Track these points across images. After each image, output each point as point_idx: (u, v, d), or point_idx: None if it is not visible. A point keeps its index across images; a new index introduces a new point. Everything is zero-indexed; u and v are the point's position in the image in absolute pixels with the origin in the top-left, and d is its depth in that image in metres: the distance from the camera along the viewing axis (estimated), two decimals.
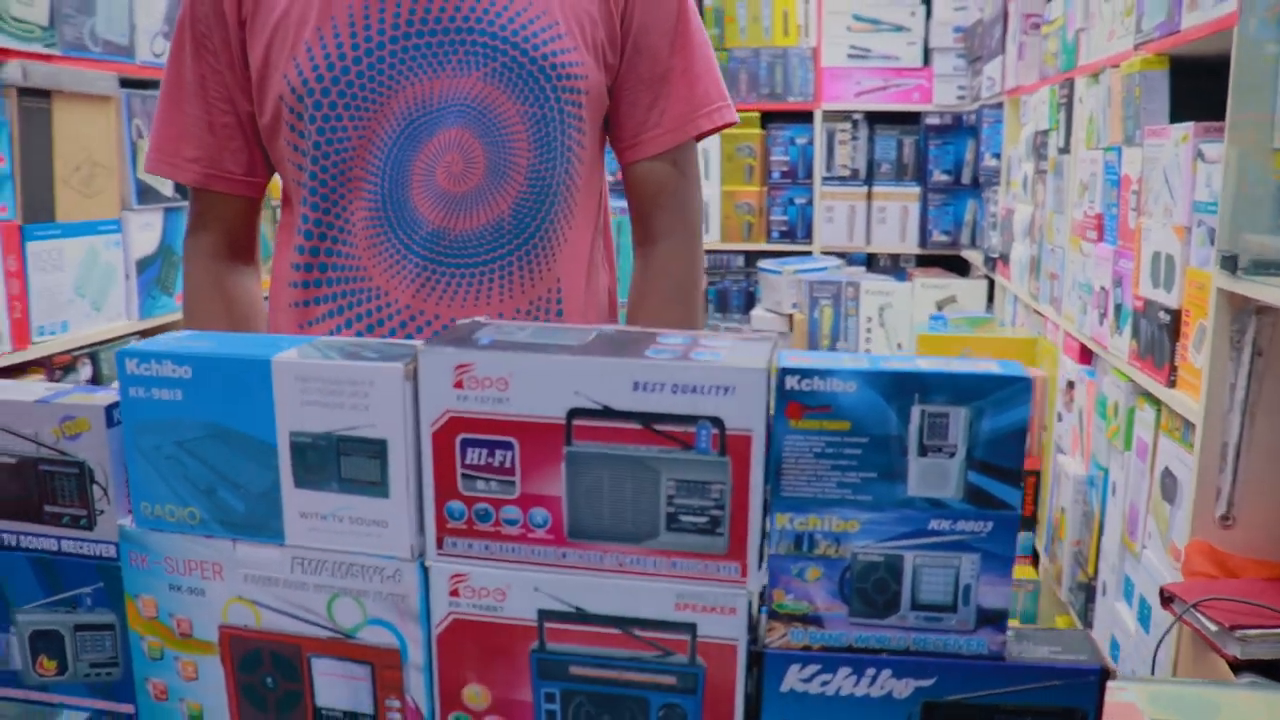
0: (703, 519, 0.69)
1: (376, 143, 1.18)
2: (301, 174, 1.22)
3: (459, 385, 0.70)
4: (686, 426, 0.67)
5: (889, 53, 4.43)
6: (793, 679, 0.71)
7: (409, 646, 0.75)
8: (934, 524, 0.68)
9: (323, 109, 1.17)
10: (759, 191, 4.66)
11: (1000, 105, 3.69)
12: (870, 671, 0.70)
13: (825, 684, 0.71)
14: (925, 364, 0.68)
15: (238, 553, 0.77)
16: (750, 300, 4.79)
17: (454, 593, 0.73)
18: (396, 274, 1.20)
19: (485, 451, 0.70)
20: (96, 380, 2.47)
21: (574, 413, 0.68)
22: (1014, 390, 0.66)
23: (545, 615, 0.72)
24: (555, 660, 0.73)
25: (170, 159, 1.28)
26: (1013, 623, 2.34)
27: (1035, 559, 2.81)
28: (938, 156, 4.40)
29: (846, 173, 4.56)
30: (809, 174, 4.60)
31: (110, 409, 0.80)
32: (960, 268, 4.44)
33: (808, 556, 0.69)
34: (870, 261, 4.66)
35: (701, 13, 4.62)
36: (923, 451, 0.67)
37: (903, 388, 0.66)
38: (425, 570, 0.74)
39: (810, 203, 4.60)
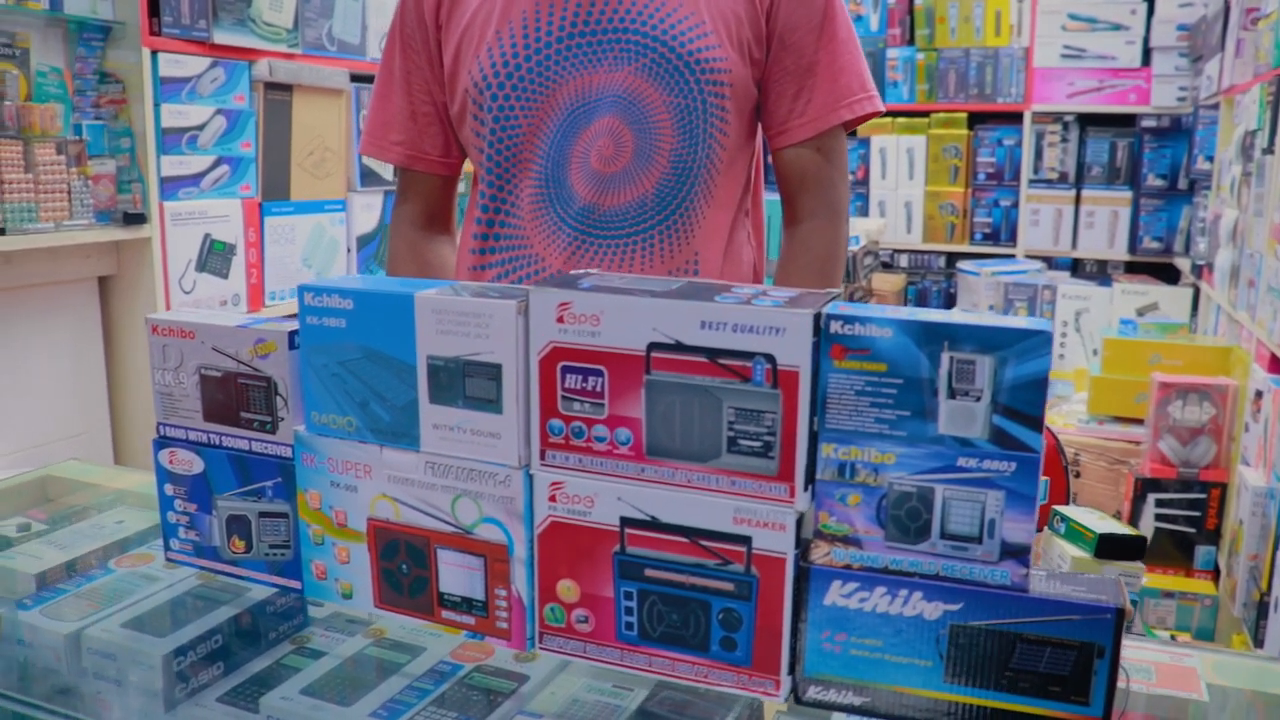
0: (757, 444, 0.79)
1: (543, 130, 1.34)
2: (481, 156, 1.40)
3: (560, 320, 0.83)
4: (745, 361, 0.78)
5: (1105, 52, 4.31)
6: (835, 594, 0.80)
7: (515, 543, 0.89)
8: (962, 461, 0.76)
9: (499, 100, 1.34)
10: (963, 193, 4.63)
11: (1217, 106, 3.56)
12: (903, 593, 0.79)
13: (863, 600, 0.80)
14: (957, 316, 0.76)
15: (383, 456, 0.93)
16: (950, 301, 4.75)
17: (552, 498, 0.86)
18: (553, 243, 1.35)
19: (580, 377, 0.83)
20: None
21: (652, 346, 0.80)
22: (1036, 341, 0.73)
23: (626, 522, 0.84)
24: (633, 562, 0.85)
25: (379, 143, 1.49)
26: (1184, 635, 2.35)
27: (1217, 574, 2.73)
28: (1153, 160, 4.26)
29: (1054, 175, 4.46)
30: (1015, 176, 4.53)
31: (292, 334, 0.98)
32: (1171, 277, 4.28)
33: (849, 483, 0.79)
34: (1075, 267, 4.55)
35: (911, 13, 4.64)
36: (952, 394, 0.75)
37: (933, 335, 0.75)
38: (530, 477, 0.87)
39: (1015, 205, 4.53)
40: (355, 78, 2.77)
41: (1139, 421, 2.92)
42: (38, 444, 2.18)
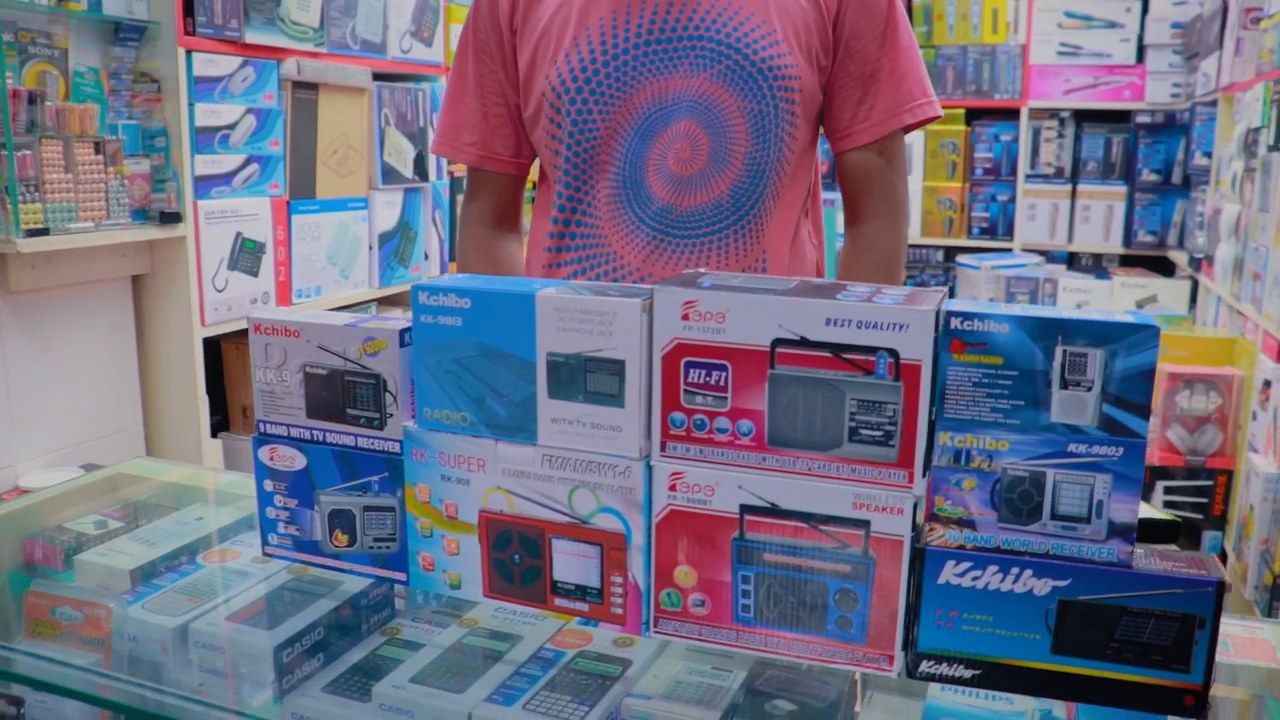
0: (878, 433, 0.84)
1: (621, 133, 1.38)
2: (557, 158, 1.44)
3: (685, 318, 0.87)
4: (868, 356, 0.82)
5: (1101, 50, 4.38)
6: (949, 573, 0.85)
7: (633, 532, 0.93)
8: (1072, 447, 0.81)
9: (577, 104, 1.38)
10: (961, 188, 4.70)
11: (1214, 103, 3.63)
12: (1014, 570, 0.83)
13: (976, 579, 0.84)
14: (1068, 312, 0.81)
15: (499, 450, 0.96)
16: (949, 295, 4.81)
17: (672, 488, 0.90)
18: (631, 241, 1.40)
19: (704, 372, 0.87)
20: None
21: (777, 342, 0.84)
22: (1144, 335, 0.78)
23: (746, 509, 0.88)
24: (752, 548, 0.89)
25: (452, 143, 1.53)
26: None
27: (1225, 559, 2.79)
28: (1147, 155, 4.34)
29: (1051, 170, 4.54)
30: (1012, 171, 4.60)
31: (403, 332, 1.01)
32: (1165, 269, 4.36)
33: (965, 469, 0.83)
34: (1071, 260, 4.62)
35: (910, 10, 4.70)
36: (1064, 385, 0.80)
37: (1048, 330, 0.79)
38: (650, 468, 0.91)
39: (1012, 200, 4.60)
40: (377, 76, 2.80)
41: None
42: (77, 442, 2.20)
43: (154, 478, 1.53)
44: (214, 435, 2.41)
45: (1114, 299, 3.86)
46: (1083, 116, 4.52)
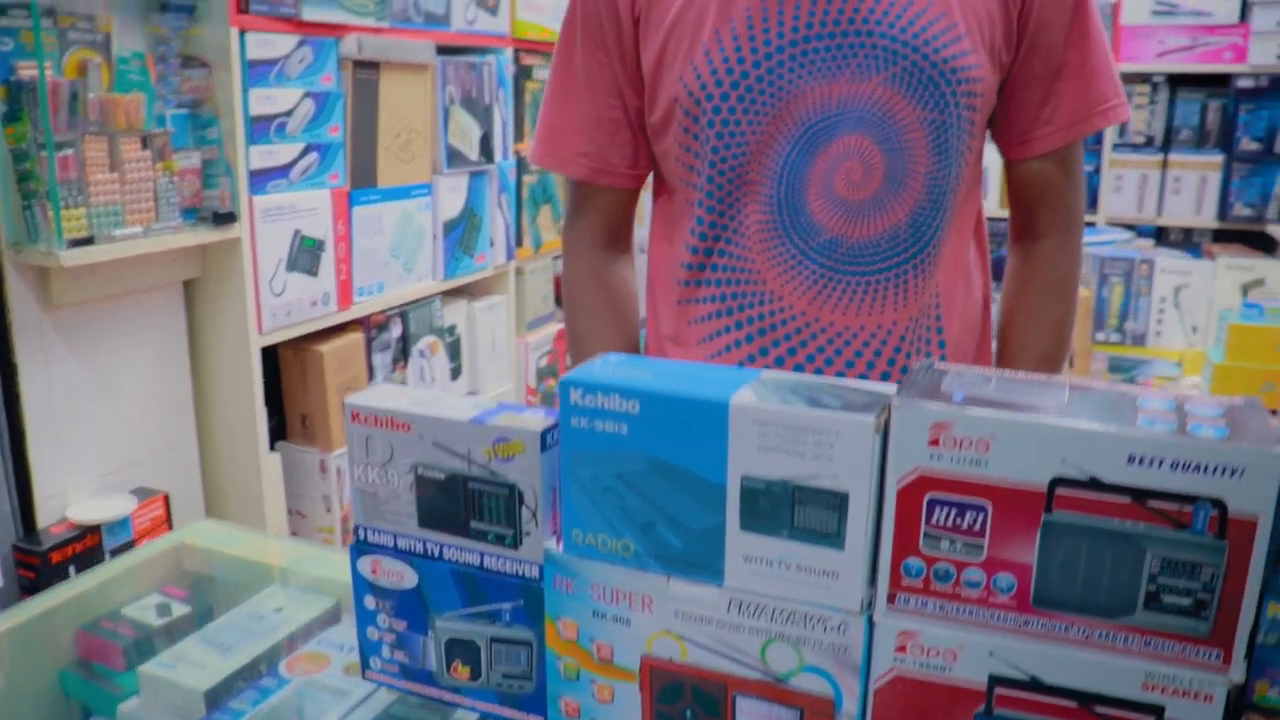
0: (1187, 600, 0.64)
1: (774, 147, 1.17)
2: (693, 175, 1.22)
3: (935, 443, 0.67)
4: (1183, 505, 0.63)
5: (1200, 8, 4.08)
6: None
7: (844, 697, 0.74)
8: None
9: (721, 113, 1.16)
10: None
11: None
12: None
13: None
14: None
15: (671, 588, 0.78)
16: None
17: (901, 648, 0.72)
18: (791, 279, 1.19)
19: (954, 512, 0.68)
20: (405, 338, 2.59)
21: (1057, 482, 0.65)
22: None
23: (996, 681, 0.70)
24: None
25: (558, 152, 1.31)
26: None
27: None
28: (1248, 122, 4.05)
29: (1140, 139, 4.26)
30: (1098, 140, 4.32)
31: (545, 433, 0.82)
32: (1265, 245, 4.09)
33: None
34: (1160, 235, 4.36)
35: None
36: None
37: None
38: (871, 624, 0.72)
39: (1098, 170, 4.33)
40: (441, 50, 2.58)
41: (1272, 414, 2.77)
42: (129, 463, 2.03)
43: (218, 549, 1.35)
44: (271, 448, 2.24)
45: (1217, 281, 3.61)
46: (1177, 81, 4.23)
